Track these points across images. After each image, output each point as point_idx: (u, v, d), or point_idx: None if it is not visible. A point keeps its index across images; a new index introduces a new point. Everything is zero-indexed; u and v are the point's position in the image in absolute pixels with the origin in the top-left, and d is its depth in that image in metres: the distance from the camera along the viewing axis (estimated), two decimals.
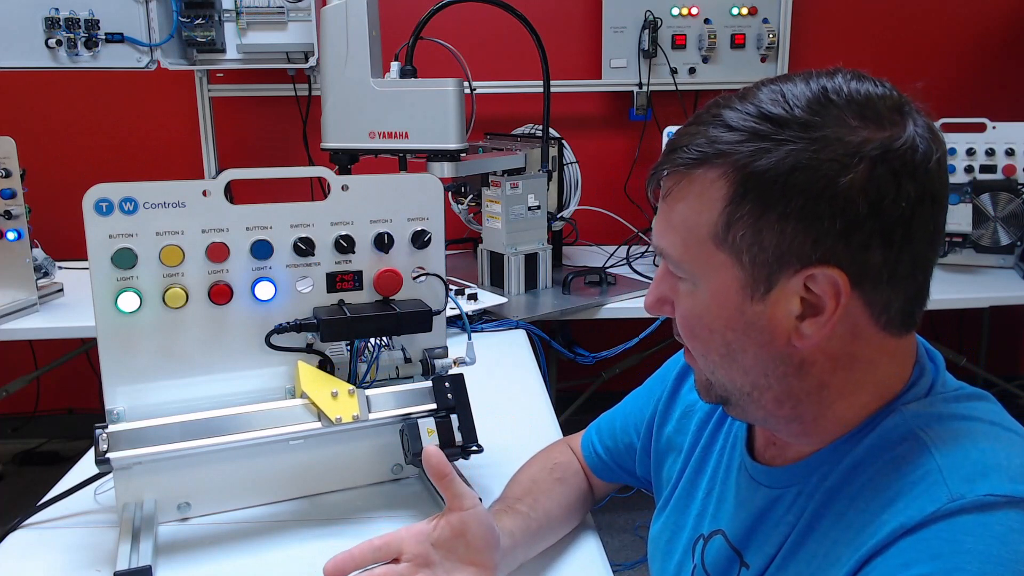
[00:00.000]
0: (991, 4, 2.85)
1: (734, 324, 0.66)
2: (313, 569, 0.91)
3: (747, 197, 0.62)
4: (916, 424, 0.65)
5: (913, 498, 0.60)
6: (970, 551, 0.56)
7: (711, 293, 0.67)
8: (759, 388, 0.69)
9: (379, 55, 1.87)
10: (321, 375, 1.01)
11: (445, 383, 1.03)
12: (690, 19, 2.70)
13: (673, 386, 0.96)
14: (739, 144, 0.63)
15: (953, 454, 0.62)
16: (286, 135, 2.75)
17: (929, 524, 0.58)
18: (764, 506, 0.74)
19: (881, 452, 0.65)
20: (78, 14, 2.25)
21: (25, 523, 0.99)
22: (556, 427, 1.30)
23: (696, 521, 0.85)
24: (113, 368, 0.96)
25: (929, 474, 0.61)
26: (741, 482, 0.79)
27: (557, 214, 2.27)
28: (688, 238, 0.67)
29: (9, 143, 1.90)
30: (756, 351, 0.67)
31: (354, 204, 1.03)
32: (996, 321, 2.99)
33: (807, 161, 0.60)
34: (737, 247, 0.64)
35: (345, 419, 0.97)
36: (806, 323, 0.64)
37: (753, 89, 0.66)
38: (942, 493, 0.59)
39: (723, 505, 0.81)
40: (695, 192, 0.65)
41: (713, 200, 0.64)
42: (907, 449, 0.64)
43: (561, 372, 2.45)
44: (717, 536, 0.80)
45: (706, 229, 0.65)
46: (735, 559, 0.77)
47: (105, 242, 0.93)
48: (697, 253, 0.66)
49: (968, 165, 2.36)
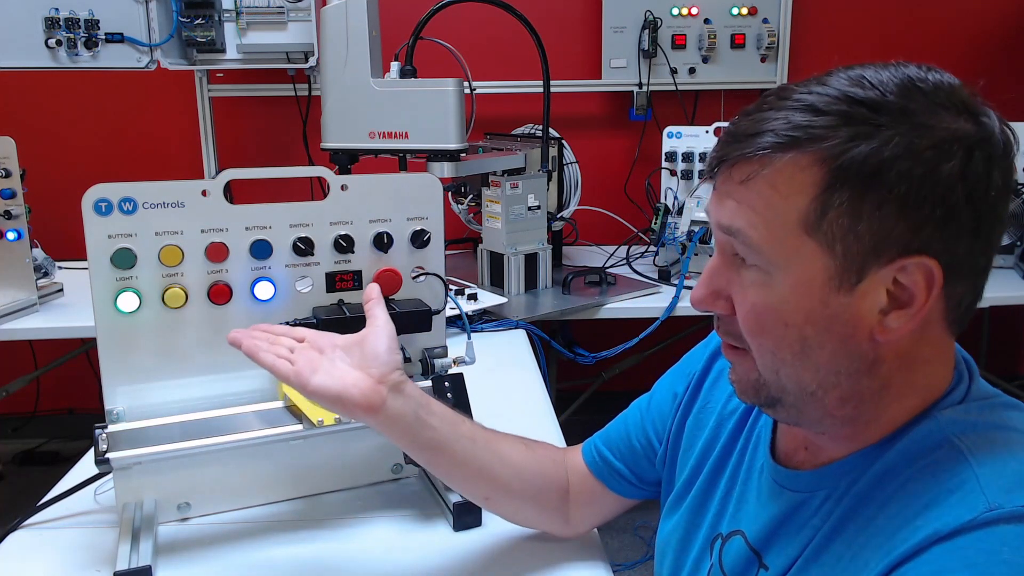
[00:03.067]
0: (991, 4, 2.85)
1: (815, 317, 0.63)
2: (313, 569, 0.91)
3: (845, 184, 0.60)
4: (952, 431, 0.64)
5: (949, 506, 0.59)
6: (1007, 562, 0.55)
7: (792, 283, 0.63)
8: (825, 387, 0.66)
9: (379, 55, 1.87)
10: None
11: (445, 383, 1.03)
12: (690, 19, 2.70)
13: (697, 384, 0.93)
14: (833, 129, 0.60)
15: (991, 464, 0.61)
16: (286, 135, 2.75)
17: (964, 532, 0.57)
18: (788, 510, 0.73)
19: (915, 458, 0.64)
20: (78, 14, 2.25)
21: (25, 523, 0.99)
22: (556, 427, 1.30)
23: (714, 520, 0.84)
24: (113, 368, 0.96)
25: (966, 483, 0.60)
26: (763, 485, 0.78)
27: (557, 214, 2.27)
28: (773, 223, 0.62)
29: (9, 143, 1.90)
30: (834, 346, 0.64)
31: (353, 204, 1.03)
32: (996, 321, 2.99)
33: (909, 148, 0.58)
34: (830, 235, 0.61)
35: (327, 422, 0.96)
36: (891, 316, 0.62)
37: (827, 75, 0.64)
38: (979, 502, 0.58)
39: (743, 507, 0.80)
40: (784, 177, 0.62)
41: (805, 186, 0.61)
42: (942, 456, 0.63)
43: (561, 372, 2.45)
44: (736, 537, 0.79)
45: (795, 215, 0.61)
46: (754, 560, 0.76)
47: (104, 242, 0.93)
48: (782, 240, 0.62)
49: None
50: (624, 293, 2.07)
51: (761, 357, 0.67)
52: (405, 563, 0.92)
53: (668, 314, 1.99)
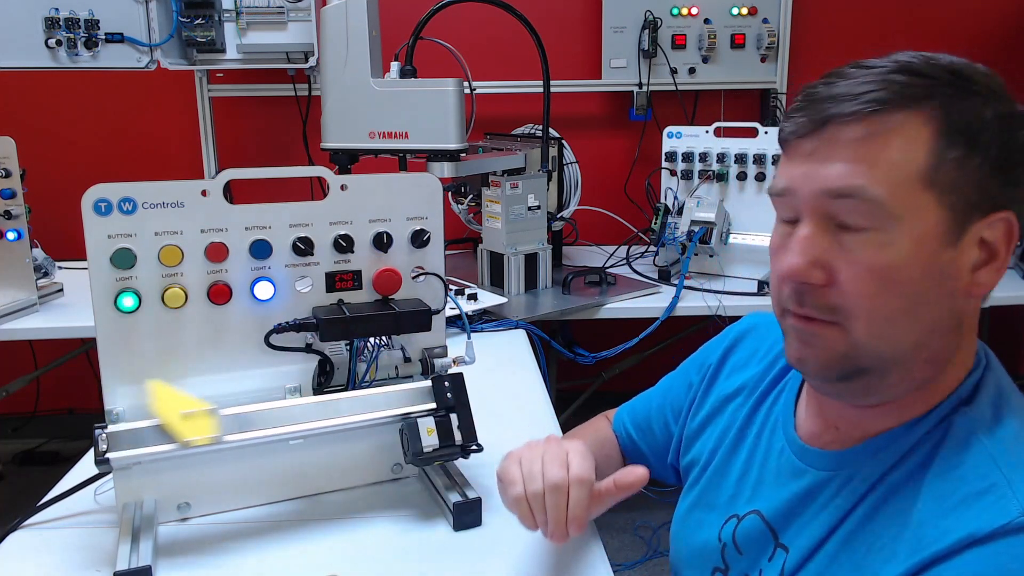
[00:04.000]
0: (991, 4, 2.85)
1: (930, 271, 0.65)
2: (313, 569, 0.91)
3: (956, 140, 0.63)
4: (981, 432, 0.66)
5: (982, 508, 0.60)
6: None
7: (912, 239, 0.64)
8: (920, 346, 0.67)
9: (379, 55, 1.87)
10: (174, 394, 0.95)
11: (445, 382, 1.03)
12: (690, 19, 2.70)
13: (714, 371, 0.96)
14: (936, 88, 0.64)
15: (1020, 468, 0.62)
16: (286, 135, 2.75)
17: (999, 538, 0.58)
18: (809, 489, 0.74)
19: (947, 456, 0.66)
20: (78, 14, 2.25)
21: (25, 523, 0.99)
22: (556, 427, 1.30)
23: (729, 501, 0.85)
24: (113, 368, 0.96)
25: (997, 487, 0.61)
26: (783, 465, 0.79)
27: (557, 214, 2.27)
28: (896, 177, 0.63)
29: (9, 143, 1.90)
30: (940, 302, 0.66)
31: (353, 204, 1.03)
32: (996, 321, 2.99)
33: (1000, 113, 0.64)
34: (943, 188, 0.63)
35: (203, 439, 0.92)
36: (982, 271, 0.66)
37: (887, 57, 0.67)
38: (1012, 506, 0.59)
39: (761, 487, 0.81)
40: (901, 133, 0.64)
41: (920, 141, 0.63)
42: (972, 456, 0.64)
43: (561, 372, 2.45)
44: (752, 515, 0.80)
45: (915, 169, 0.63)
46: (770, 538, 0.77)
47: (104, 242, 0.93)
48: (905, 193, 0.63)
49: None
50: (624, 293, 2.07)
51: (871, 322, 0.66)
52: (405, 563, 0.92)
53: (668, 314, 1.99)
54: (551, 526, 0.79)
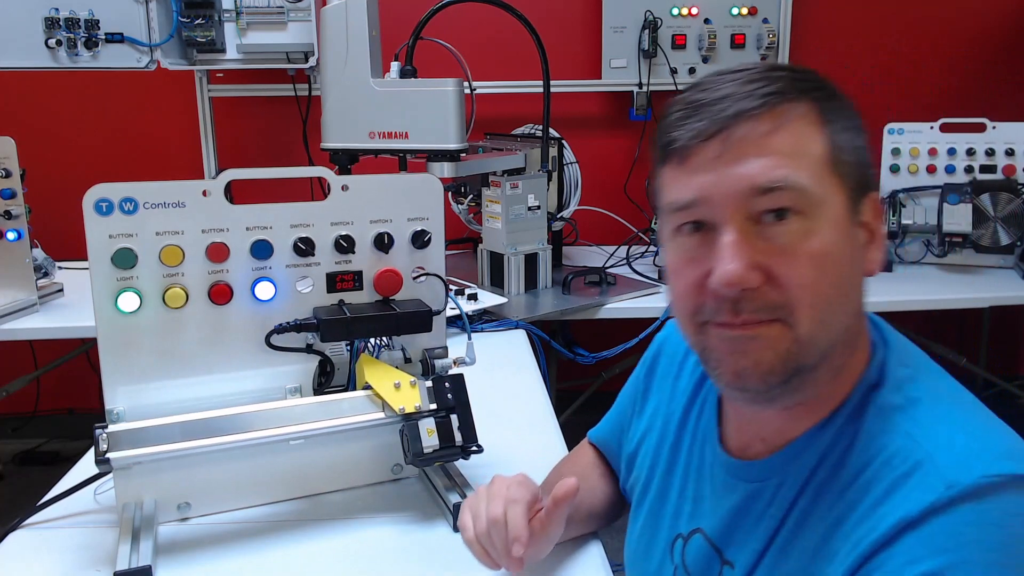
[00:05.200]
0: (991, 4, 2.85)
1: (850, 254, 0.66)
2: (313, 569, 0.91)
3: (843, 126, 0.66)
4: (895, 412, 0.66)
5: (909, 489, 0.61)
6: (974, 541, 0.56)
7: (832, 223, 0.65)
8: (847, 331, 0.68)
9: (379, 55, 1.87)
10: (384, 367, 1.03)
11: (445, 383, 1.03)
12: (690, 19, 2.70)
13: (644, 389, 0.96)
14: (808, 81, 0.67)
15: (939, 440, 0.63)
16: (286, 135, 2.75)
17: (929, 517, 0.58)
18: (743, 501, 0.74)
19: (866, 445, 0.66)
20: (78, 14, 2.25)
21: (25, 523, 0.99)
22: (556, 427, 1.30)
23: (672, 521, 0.84)
24: (113, 368, 0.96)
25: (921, 464, 0.61)
26: (716, 478, 0.79)
27: (557, 214, 2.27)
28: (812, 164, 0.65)
29: (9, 143, 1.90)
30: (858, 283, 0.68)
31: (354, 204, 1.03)
32: (996, 321, 2.99)
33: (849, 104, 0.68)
34: (842, 172, 0.66)
35: (408, 409, 0.99)
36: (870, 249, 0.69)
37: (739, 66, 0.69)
38: (937, 482, 0.59)
39: (700, 503, 0.81)
40: (804, 122, 0.65)
41: (818, 128, 0.66)
42: (891, 440, 0.64)
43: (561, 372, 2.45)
44: (696, 535, 0.80)
45: (821, 155, 0.65)
46: (715, 557, 0.76)
47: (105, 242, 0.93)
48: (822, 179, 0.65)
49: (968, 165, 2.36)
50: (624, 293, 2.07)
51: (814, 310, 0.64)
52: (405, 563, 0.92)
53: (668, 314, 1.99)
54: (500, 557, 0.82)
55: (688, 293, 0.69)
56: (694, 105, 0.66)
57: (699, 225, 0.67)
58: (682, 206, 0.67)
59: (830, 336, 0.66)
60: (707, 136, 0.65)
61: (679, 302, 0.71)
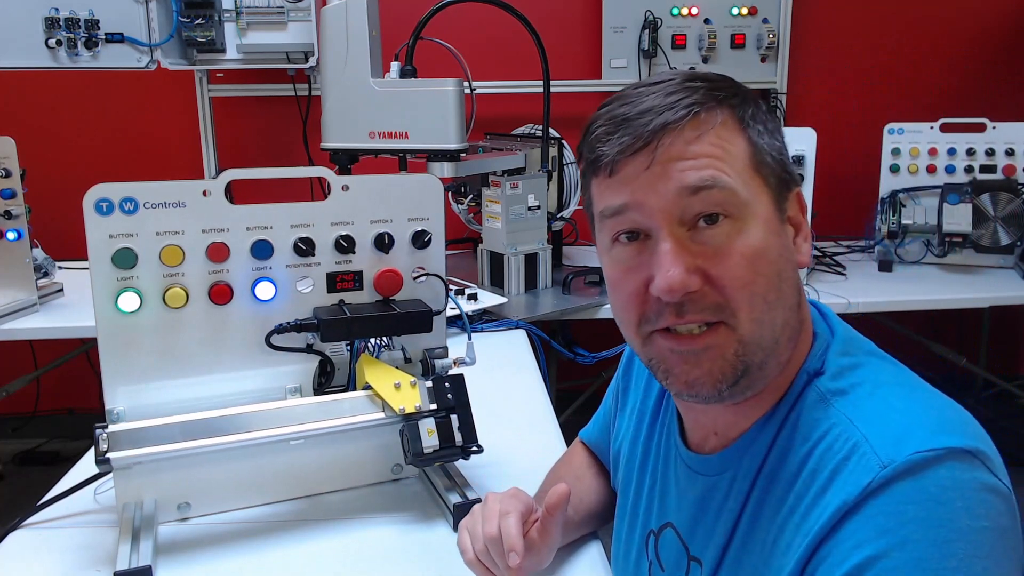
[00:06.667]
0: (991, 4, 2.85)
1: (780, 249, 0.68)
2: (313, 569, 0.91)
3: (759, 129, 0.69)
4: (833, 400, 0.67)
5: (848, 473, 0.61)
6: (914, 519, 0.57)
7: (760, 221, 0.67)
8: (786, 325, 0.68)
9: (379, 55, 1.87)
10: (384, 367, 1.03)
11: (445, 383, 1.03)
12: (690, 19, 2.70)
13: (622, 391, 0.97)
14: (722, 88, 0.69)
15: (873, 422, 0.63)
16: (286, 135, 2.75)
17: (868, 499, 0.59)
18: (702, 495, 0.75)
19: (808, 433, 0.67)
20: (78, 14, 2.25)
21: (25, 523, 0.99)
22: (556, 427, 1.30)
23: (645, 517, 0.85)
24: (113, 368, 0.96)
25: (858, 446, 0.62)
26: (679, 472, 0.80)
27: (557, 214, 2.27)
28: (737, 165, 0.67)
29: (9, 143, 1.90)
30: (792, 277, 0.69)
31: (354, 204, 1.03)
32: (996, 321, 2.99)
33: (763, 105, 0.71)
34: (765, 172, 0.69)
35: (408, 409, 0.99)
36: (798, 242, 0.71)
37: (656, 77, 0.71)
38: (872, 462, 0.60)
39: (667, 498, 0.82)
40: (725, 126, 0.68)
41: (738, 132, 0.68)
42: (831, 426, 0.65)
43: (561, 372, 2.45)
44: (667, 529, 0.81)
45: (744, 156, 0.68)
46: (683, 553, 0.77)
47: (105, 242, 0.93)
48: (747, 179, 0.67)
49: (968, 165, 2.36)
50: None
51: (752, 308, 0.66)
52: (405, 563, 0.92)
53: None
54: (503, 573, 0.82)
55: (630, 303, 0.70)
56: (617, 120, 0.68)
57: (634, 235, 0.69)
58: (615, 211, 0.69)
59: (772, 332, 0.67)
60: (635, 150, 0.67)
61: (622, 313, 0.72)
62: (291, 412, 0.99)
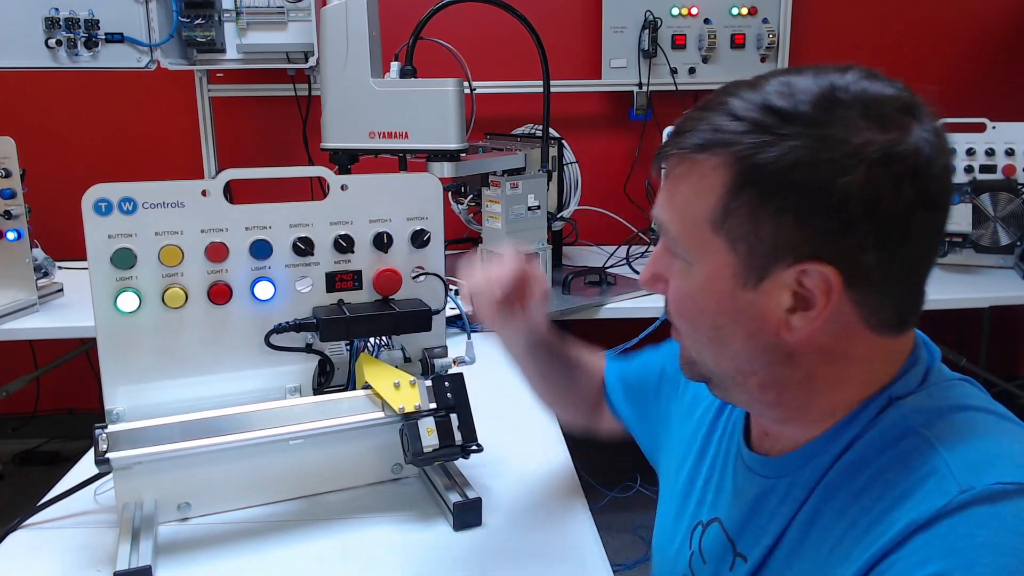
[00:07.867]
0: (991, 4, 2.85)
1: (724, 308, 0.67)
2: (313, 569, 0.92)
3: (746, 188, 0.63)
4: (916, 421, 0.66)
5: (924, 494, 0.60)
6: (985, 544, 0.55)
7: (704, 276, 0.68)
8: (744, 373, 0.70)
9: (379, 55, 1.87)
10: (384, 366, 1.03)
11: (445, 382, 1.03)
12: (690, 19, 2.70)
13: None
14: (742, 135, 0.63)
15: (957, 448, 0.62)
16: (286, 135, 2.75)
17: (941, 519, 0.58)
18: (758, 496, 0.75)
19: (883, 449, 0.66)
20: (78, 14, 2.25)
21: (25, 523, 0.99)
22: (556, 427, 1.30)
23: (696, 508, 0.85)
24: (113, 368, 0.96)
25: (937, 470, 0.61)
26: (739, 471, 0.80)
27: (557, 214, 2.27)
28: (687, 218, 0.67)
29: (9, 143, 1.90)
30: (745, 338, 0.68)
31: (353, 204, 1.03)
32: (996, 321, 2.99)
33: (807, 159, 0.60)
34: (733, 235, 0.64)
35: (408, 408, 0.99)
36: (796, 316, 0.65)
37: (765, 78, 0.66)
38: (951, 486, 0.59)
39: (721, 494, 0.82)
40: (696, 176, 0.66)
41: (713, 187, 0.64)
42: (910, 446, 0.64)
43: None
44: (714, 524, 0.81)
45: (704, 213, 0.65)
46: (729, 548, 0.77)
47: (104, 242, 0.93)
48: (694, 234, 0.67)
49: (968, 165, 2.36)
50: (624, 293, 2.07)
51: (687, 337, 0.73)
52: (405, 563, 0.92)
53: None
54: None
55: None
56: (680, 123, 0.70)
57: None
58: None
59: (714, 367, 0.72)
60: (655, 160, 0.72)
61: None
62: (291, 412, 0.99)
